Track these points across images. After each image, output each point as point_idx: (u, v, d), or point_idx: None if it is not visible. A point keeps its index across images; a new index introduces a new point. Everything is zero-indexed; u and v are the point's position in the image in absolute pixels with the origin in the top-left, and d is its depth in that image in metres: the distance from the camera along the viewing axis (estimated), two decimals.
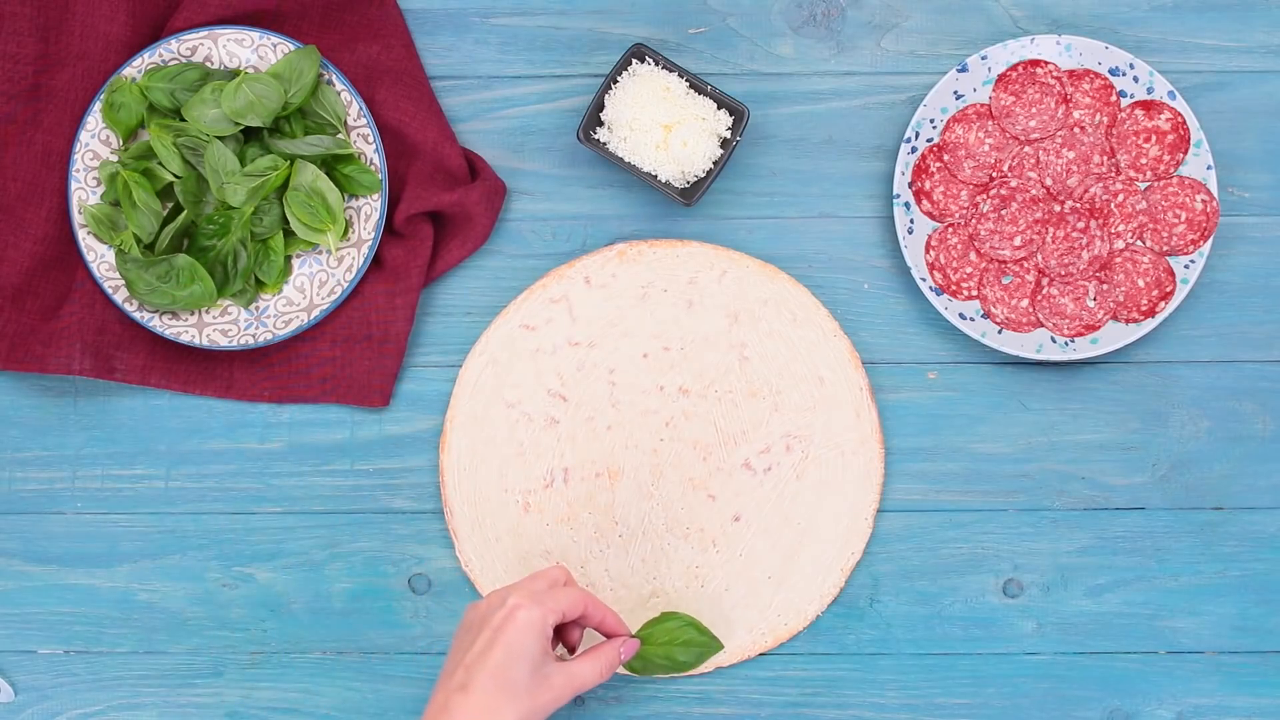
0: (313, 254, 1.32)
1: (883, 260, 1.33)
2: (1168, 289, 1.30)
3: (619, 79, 1.29)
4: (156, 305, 1.28)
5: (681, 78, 1.28)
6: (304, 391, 1.32)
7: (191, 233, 1.30)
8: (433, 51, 1.34)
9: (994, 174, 1.31)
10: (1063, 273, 1.30)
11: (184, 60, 1.30)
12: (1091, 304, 1.30)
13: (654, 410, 1.31)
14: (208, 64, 1.30)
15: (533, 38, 1.33)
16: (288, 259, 1.32)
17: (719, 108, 1.29)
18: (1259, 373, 1.32)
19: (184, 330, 1.30)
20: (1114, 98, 1.30)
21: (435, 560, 1.33)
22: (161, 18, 1.32)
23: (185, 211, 1.29)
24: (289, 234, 1.31)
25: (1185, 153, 1.30)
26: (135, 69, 1.30)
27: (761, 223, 1.33)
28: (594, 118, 1.29)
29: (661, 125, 1.28)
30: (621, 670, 1.27)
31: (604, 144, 1.29)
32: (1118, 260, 1.30)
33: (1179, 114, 1.29)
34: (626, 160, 1.29)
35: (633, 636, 1.22)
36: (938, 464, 1.32)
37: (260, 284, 1.31)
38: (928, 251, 1.31)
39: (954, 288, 1.30)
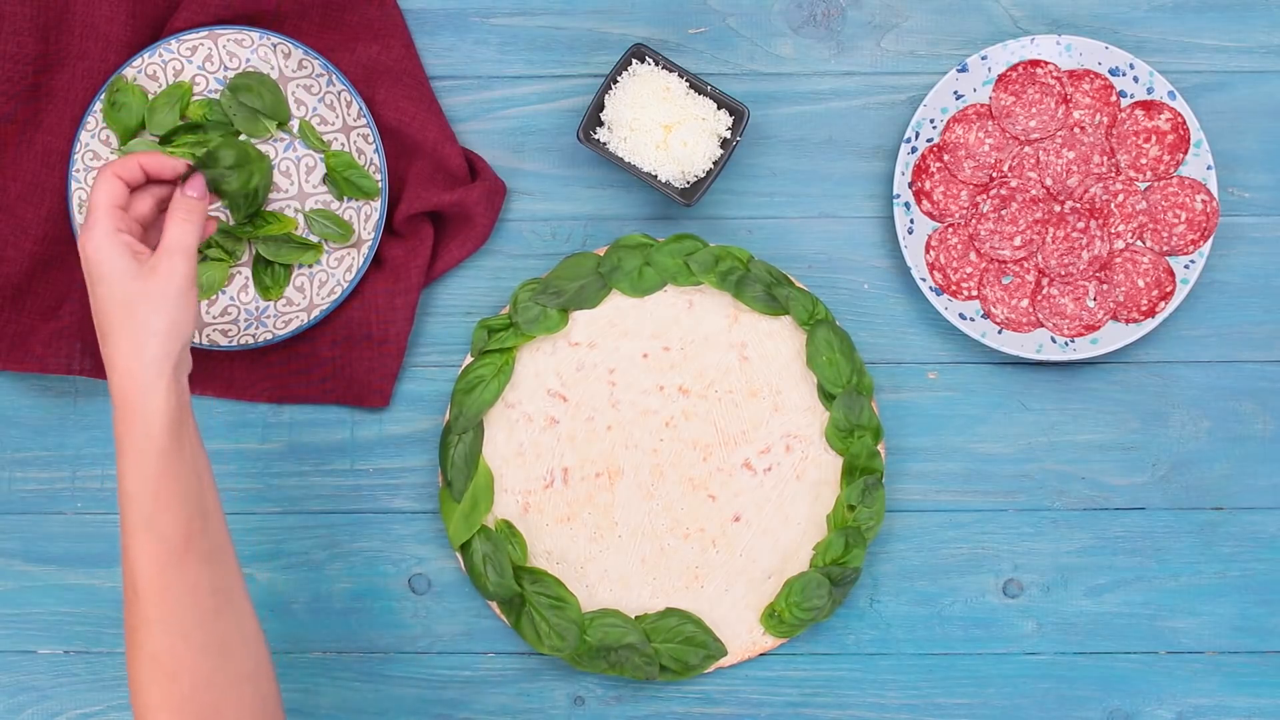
0: None
1: (883, 260, 1.33)
2: (1168, 289, 1.30)
3: (619, 79, 1.29)
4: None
5: (681, 78, 1.28)
6: (304, 391, 1.32)
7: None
8: (433, 51, 1.34)
9: (994, 174, 1.31)
10: (1063, 273, 1.30)
11: (184, 60, 1.30)
12: (1091, 304, 1.30)
13: (654, 410, 1.31)
14: (207, 64, 1.31)
15: (533, 38, 1.34)
16: (286, 266, 1.32)
17: (719, 108, 1.29)
18: (1259, 373, 1.32)
19: None
20: (1114, 98, 1.30)
21: (435, 560, 1.33)
22: (161, 18, 1.32)
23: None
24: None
25: (1185, 153, 1.30)
26: (135, 69, 1.30)
27: (761, 223, 1.33)
28: (594, 118, 1.29)
29: (661, 125, 1.27)
30: (628, 674, 1.28)
31: (604, 144, 1.29)
32: (1118, 260, 1.30)
33: (1179, 114, 1.29)
34: (626, 160, 1.29)
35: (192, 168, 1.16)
36: (938, 464, 1.32)
37: (265, 288, 1.32)
38: (928, 251, 1.31)
39: (954, 288, 1.30)
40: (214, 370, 1.32)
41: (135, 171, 1.13)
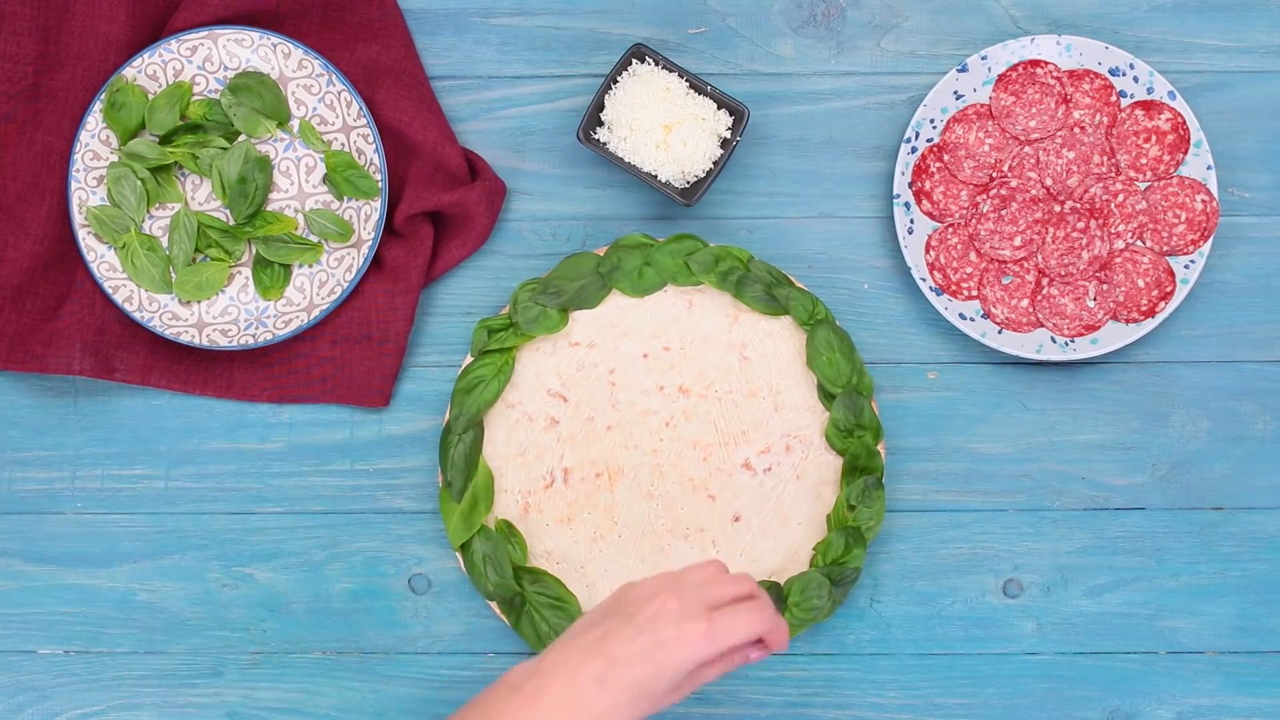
0: None
1: (883, 260, 1.33)
2: (1168, 289, 1.30)
3: (619, 79, 1.29)
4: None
5: (681, 78, 1.28)
6: (304, 391, 1.32)
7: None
8: (433, 51, 1.34)
9: (994, 174, 1.31)
10: (1063, 273, 1.30)
11: (184, 60, 1.30)
12: (1091, 304, 1.30)
13: (654, 410, 1.31)
14: (207, 64, 1.31)
15: (533, 38, 1.34)
16: (285, 266, 1.32)
17: (719, 108, 1.29)
18: (1259, 373, 1.32)
19: (184, 330, 1.30)
20: (1114, 98, 1.30)
21: (435, 560, 1.33)
22: (161, 18, 1.32)
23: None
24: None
25: (1185, 153, 1.30)
26: (135, 69, 1.30)
27: (761, 223, 1.33)
28: (594, 118, 1.29)
29: (661, 125, 1.28)
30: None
31: (604, 144, 1.29)
32: (1118, 260, 1.30)
33: (1179, 114, 1.29)
34: (626, 160, 1.29)
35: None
36: (938, 464, 1.32)
37: (265, 288, 1.32)
38: (928, 251, 1.31)
39: (954, 288, 1.31)
40: (214, 370, 1.32)
41: (771, 636, 1.07)
